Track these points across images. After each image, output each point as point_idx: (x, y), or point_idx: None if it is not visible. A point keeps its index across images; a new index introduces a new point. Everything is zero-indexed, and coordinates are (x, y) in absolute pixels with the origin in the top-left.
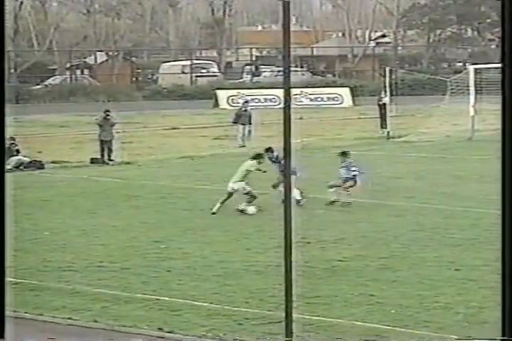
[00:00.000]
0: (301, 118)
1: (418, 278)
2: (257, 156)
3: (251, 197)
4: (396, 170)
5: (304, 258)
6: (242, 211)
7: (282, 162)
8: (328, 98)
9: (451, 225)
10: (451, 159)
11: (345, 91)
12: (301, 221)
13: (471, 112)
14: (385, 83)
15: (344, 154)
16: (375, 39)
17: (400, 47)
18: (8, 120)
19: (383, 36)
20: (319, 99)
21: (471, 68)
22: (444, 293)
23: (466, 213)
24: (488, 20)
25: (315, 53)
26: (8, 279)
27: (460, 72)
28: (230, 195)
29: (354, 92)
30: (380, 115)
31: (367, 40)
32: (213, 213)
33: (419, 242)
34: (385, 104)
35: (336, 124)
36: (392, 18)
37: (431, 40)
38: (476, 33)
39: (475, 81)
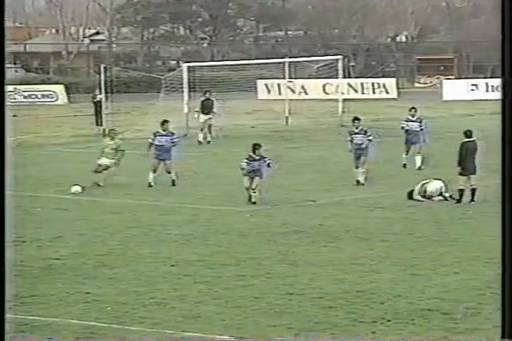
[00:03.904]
0: (14, 116)
1: (135, 275)
2: None
3: None
4: None
5: (20, 257)
6: None
7: None
8: (43, 95)
9: (168, 221)
10: None
11: (60, 89)
12: (17, 219)
13: (185, 109)
14: (100, 80)
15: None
16: (90, 36)
17: (114, 45)
18: None
19: (97, 33)
20: (34, 97)
21: (184, 66)
22: (160, 288)
23: (182, 209)
24: (200, 19)
25: (28, 50)
26: None
27: (174, 69)
28: None
29: (69, 90)
30: (95, 112)
31: (81, 37)
32: None
33: (136, 239)
34: (100, 101)
35: (52, 122)
36: (105, 16)
37: (145, 38)
38: (188, 31)
39: (188, 79)
